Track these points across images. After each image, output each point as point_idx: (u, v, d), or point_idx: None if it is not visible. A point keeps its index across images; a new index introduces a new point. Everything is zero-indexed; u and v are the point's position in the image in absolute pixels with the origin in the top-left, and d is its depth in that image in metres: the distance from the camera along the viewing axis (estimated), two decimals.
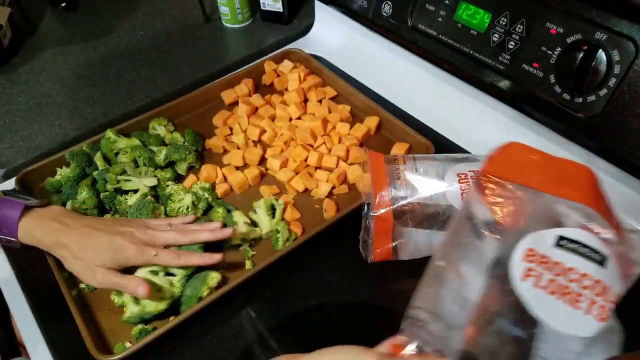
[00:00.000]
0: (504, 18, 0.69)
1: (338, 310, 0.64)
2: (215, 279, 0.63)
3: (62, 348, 0.61)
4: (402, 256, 0.64)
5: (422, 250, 0.63)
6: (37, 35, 1.11)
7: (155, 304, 0.61)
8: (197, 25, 1.11)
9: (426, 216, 0.62)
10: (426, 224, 0.62)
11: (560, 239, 0.43)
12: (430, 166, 0.64)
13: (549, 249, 0.42)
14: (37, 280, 0.67)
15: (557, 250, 0.42)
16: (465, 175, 0.62)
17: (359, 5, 0.89)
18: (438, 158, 0.66)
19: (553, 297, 0.40)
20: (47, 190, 0.77)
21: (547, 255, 0.42)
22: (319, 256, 0.69)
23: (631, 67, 0.58)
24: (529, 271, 0.41)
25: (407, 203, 0.62)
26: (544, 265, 0.42)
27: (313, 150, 0.80)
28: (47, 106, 0.92)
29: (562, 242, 0.42)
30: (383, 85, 0.93)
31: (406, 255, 0.64)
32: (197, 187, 0.75)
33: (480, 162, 0.61)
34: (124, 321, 0.62)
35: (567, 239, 0.43)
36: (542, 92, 0.66)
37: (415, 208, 0.62)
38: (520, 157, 0.48)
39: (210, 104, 0.91)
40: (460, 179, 0.62)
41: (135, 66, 1.00)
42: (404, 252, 0.64)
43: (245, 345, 0.61)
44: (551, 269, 0.41)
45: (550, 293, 0.40)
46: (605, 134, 0.62)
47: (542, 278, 0.41)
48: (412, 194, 0.62)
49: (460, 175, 0.62)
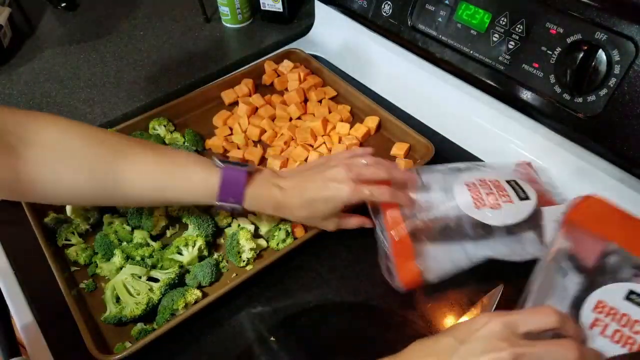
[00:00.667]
0: (504, 18, 0.69)
1: (338, 310, 0.64)
2: (194, 295, 0.62)
3: (62, 348, 0.61)
4: (430, 278, 0.61)
5: (447, 269, 0.61)
6: (37, 35, 1.11)
7: (132, 308, 0.61)
8: (197, 25, 1.11)
9: (438, 231, 0.62)
10: (441, 238, 0.62)
11: (631, 293, 0.48)
12: (433, 179, 0.64)
13: (619, 301, 0.47)
14: (37, 280, 0.67)
15: (626, 303, 0.47)
16: (473, 184, 0.62)
17: (359, 5, 0.89)
18: (439, 169, 0.66)
19: (618, 346, 0.45)
20: None
21: (616, 307, 0.47)
22: (319, 256, 0.69)
23: (631, 67, 0.58)
24: (596, 321, 0.47)
25: (419, 220, 0.62)
26: (611, 316, 0.47)
27: (313, 150, 0.80)
28: (47, 106, 0.92)
29: (632, 296, 0.47)
30: (383, 85, 0.93)
31: (434, 276, 0.61)
32: None
33: (483, 170, 0.63)
34: (102, 320, 0.62)
35: (637, 294, 0.47)
36: (542, 92, 0.66)
37: (427, 225, 0.61)
38: (602, 210, 0.54)
39: (210, 104, 0.91)
40: (470, 188, 0.61)
41: (135, 66, 1.00)
42: (430, 273, 0.61)
43: (245, 345, 0.61)
44: (618, 320, 0.47)
45: (615, 342, 0.46)
46: (605, 134, 0.62)
47: (609, 328, 0.46)
48: (422, 210, 0.62)
49: (468, 184, 0.62)
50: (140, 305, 0.61)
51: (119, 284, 0.62)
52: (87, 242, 0.71)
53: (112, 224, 0.71)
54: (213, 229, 0.70)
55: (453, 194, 0.62)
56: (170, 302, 0.61)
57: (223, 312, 0.64)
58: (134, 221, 0.70)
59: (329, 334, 0.61)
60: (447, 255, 0.61)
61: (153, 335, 0.58)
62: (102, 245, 0.68)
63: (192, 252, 0.67)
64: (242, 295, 0.65)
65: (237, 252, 0.66)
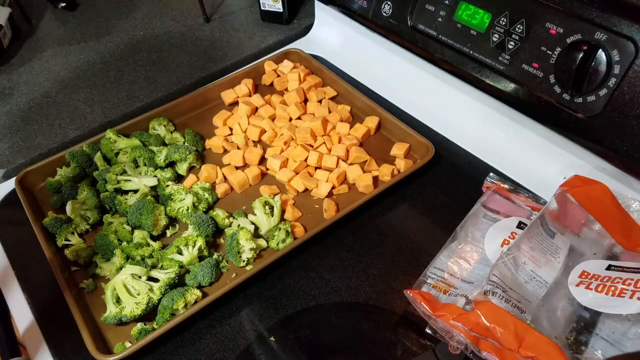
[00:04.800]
0: (504, 18, 0.69)
1: (338, 310, 0.64)
2: (194, 295, 0.62)
3: (62, 348, 0.61)
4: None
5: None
6: (37, 35, 1.11)
7: (132, 307, 0.61)
8: (197, 25, 1.11)
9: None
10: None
11: (610, 266, 0.58)
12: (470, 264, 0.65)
13: (602, 270, 0.58)
14: (37, 280, 0.67)
15: (607, 271, 0.57)
16: (508, 241, 0.64)
17: (359, 5, 0.89)
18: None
19: (602, 294, 0.55)
20: (47, 190, 0.77)
21: (598, 273, 0.57)
22: (319, 256, 0.69)
23: (631, 67, 0.58)
24: (581, 283, 0.57)
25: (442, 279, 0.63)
26: (594, 278, 0.57)
27: (313, 150, 0.80)
28: (47, 106, 0.92)
29: (612, 268, 0.57)
30: (383, 85, 0.93)
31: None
32: (197, 187, 0.75)
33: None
34: (102, 320, 0.62)
35: (615, 266, 0.57)
36: (542, 92, 0.66)
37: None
38: (598, 194, 0.61)
39: (210, 104, 0.91)
40: (503, 243, 0.64)
41: (136, 66, 1.00)
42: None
43: (245, 345, 0.61)
44: (602, 280, 0.56)
45: (598, 292, 0.55)
46: (605, 134, 0.62)
47: (592, 284, 0.56)
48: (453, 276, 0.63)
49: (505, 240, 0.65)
50: (140, 305, 0.61)
51: (119, 284, 0.62)
52: (87, 242, 0.71)
53: (112, 224, 0.71)
54: (213, 229, 0.70)
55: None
56: (170, 302, 0.61)
57: (223, 312, 0.64)
58: (134, 221, 0.70)
59: (329, 334, 0.61)
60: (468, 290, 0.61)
61: (153, 335, 0.58)
62: (102, 245, 0.68)
63: (192, 252, 0.67)
64: (242, 295, 0.65)
65: (237, 252, 0.66)
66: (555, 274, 0.59)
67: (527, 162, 0.77)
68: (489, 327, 0.52)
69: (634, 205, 0.62)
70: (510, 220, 0.66)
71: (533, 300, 0.57)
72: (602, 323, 0.55)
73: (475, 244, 0.65)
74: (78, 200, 0.73)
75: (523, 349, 0.51)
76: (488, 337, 0.53)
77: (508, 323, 0.52)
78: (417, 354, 0.58)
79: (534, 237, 0.61)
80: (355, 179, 0.77)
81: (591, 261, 0.59)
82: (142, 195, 0.74)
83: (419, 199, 0.75)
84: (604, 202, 0.61)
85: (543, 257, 0.60)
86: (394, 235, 0.71)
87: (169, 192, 0.74)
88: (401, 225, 0.72)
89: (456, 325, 0.54)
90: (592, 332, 0.55)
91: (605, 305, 0.54)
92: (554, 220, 0.62)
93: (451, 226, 0.68)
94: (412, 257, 0.68)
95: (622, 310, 0.53)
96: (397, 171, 0.78)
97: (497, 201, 0.70)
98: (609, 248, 0.61)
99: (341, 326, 0.62)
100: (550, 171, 0.73)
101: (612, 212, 0.61)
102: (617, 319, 0.55)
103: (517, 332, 0.52)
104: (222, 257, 0.69)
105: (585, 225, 0.63)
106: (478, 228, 0.67)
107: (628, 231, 0.61)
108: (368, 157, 0.79)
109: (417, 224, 0.72)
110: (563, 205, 0.62)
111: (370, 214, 0.73)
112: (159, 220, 0.71)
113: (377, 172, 0.78)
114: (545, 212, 0.62)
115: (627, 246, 0.60)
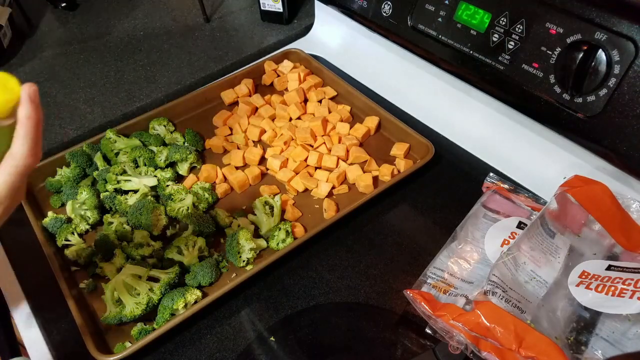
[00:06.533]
0: (504, 18, 0.69)
1: (338, 310, 0.64)
2: (194, 295, 0.62)
3: (62, 348, 0.61)
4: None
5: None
6: (37, 35, 1.11)
7: (132, 307, 0.61)
8: (197, 25, 1.11)
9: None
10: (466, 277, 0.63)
11: (610, 266, 0.58)
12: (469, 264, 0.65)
13: (602, 271, 0.58)
14: (37, 280, 0.67)
15: (607, 271, 0.57)
16: (508, 241, 0.64)
17: (359, 5, 0.89)
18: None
19: (602, 294, 0.55)
20: (47, 190, 0.77)
21: (598, 274, 0.58)
22: (319, 256, 0.69)
23: (631, 67, 0.58)
24: (581, 283, 0.57)
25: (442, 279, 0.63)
26: (594, 278, 0.57)
27: (313, 150, 0.80)
28: (47, 106, 0.92)
29: (612, 268, 0.58)
30: (383, 85, 0.93)
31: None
32: (197, 187, 0.75)
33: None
34: (102, 320, 0.62)
35: (615, 266, 0.58)
36: (542, 92, 0.66)
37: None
38: (598, 195, 0.61)
39: (210, 104, 0.91)
40: (503, 243, 0.64)
41: (135, 66, 1.00)
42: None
43: (245, 345, 0.61)
44: (602, 280, 0.57)
45: (598, 292, 0.55)
46: (605, 134, 0.62)
47: (592, 284, 0.57)
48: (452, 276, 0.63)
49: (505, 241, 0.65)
50: (140, 305, 0.61)
51: (119, 284, 0.62)
52: (87, 242, 0.71)
53: (112, 224, 0.71)
54: (213, 229, 0.70)
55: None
56: (170, 302, 0.61)
57: (223, 312, 0.64)
58: (134, 221, 0.70)
59: (329, 334, 0.61)
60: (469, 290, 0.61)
61: (153, 335, 0.58)
62: (102, 245, 0.68)
63: (192, 252, 0.67)
64: (242, 295, 0.65)
65: (237, 252, 0.66)
66: (555, 274, 0.59)
67: (527, 162, 0.77)
68: (489, 327, 0.52)
69: (634, 205, 0.62)
70: (510, 220, 0.67)
71: (533, 300, 0.57)
72: (602, 323, 0.55)
73: (475, 244, 0.65)
74: (78, 200, 0.73)
75: (523, 349, 0.51)
76: (488, 337, 0.53)
77: (508, 323, 0.52)
78: (417, 354, 0.58)
79: (534, 237, 0.61)
80: (355, 179, 0.77)
81: (591, 261, 0.60)
82: (142, 195, 0.74)
83: (419, 199, 0.75)
84: (604, 202, 0.61)
85: (543, 257, 0.60)
86: (394, 235, 0.71)
87: (169, 192, 0.74)
88: (401, 225, 0.72)
89: (456, 325, 0.54)
90: (592, 332, 0.55)
91: (605, 305, 0.54)
92: (554, 220, 0.62)
93: (451, 226, 0.68)
94: (412, 257, 0.68)
95: (622, 310, 0.53)
96: (397, 171, 0.78)
97: (497, 201, 0.70)
98: (609, 248, 0.61)
99: (341, 326, 0.62)
100: (550, 171, 0.73)
101: (612, 212, 0.61)
102: (617, 319, 0.55)
103: (517, 332, 0.52)
104: (222, 257, 0.69)
105: (585, 225, 0.63)
106: (478, 228, 0.67)
107: (628, 231, 0.61)
108: (368, 157, 0.79)
109: (417, 224, 0.72)
110: (563, 205, 0.63)
111: (370, 214, 0.73)
112: (159, 220, 0.71)
113: (377, 172, 0.78)
114: (545, 212, 0.62)
115: (627, 246, 0.60)
